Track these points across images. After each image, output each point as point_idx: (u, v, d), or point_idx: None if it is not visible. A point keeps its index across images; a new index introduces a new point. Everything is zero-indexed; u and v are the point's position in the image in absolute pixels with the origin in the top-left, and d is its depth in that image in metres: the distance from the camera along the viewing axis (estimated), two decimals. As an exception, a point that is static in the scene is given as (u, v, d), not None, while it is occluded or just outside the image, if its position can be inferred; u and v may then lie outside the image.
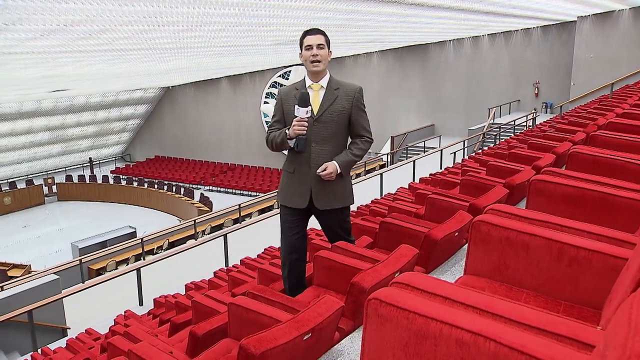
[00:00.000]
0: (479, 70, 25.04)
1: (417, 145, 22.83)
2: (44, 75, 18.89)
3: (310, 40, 3.39)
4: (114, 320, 7.98)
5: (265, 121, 31.51)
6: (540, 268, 2.17)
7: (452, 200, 4.66)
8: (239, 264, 8.93)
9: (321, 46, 3.39)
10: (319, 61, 3.38)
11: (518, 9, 17.12)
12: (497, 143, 15.03)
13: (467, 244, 2.44)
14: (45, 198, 29.68)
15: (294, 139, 3.36)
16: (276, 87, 30.83)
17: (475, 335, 1.36)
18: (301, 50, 3.45)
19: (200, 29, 13.67)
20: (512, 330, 1.38)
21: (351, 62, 28.53)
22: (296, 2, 12.01)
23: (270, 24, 13.79)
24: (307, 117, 3.33)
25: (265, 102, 31.91)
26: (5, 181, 30.53)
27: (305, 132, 3.34)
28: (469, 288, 1.77)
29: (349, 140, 3.61)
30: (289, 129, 3.39)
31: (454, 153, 15.21)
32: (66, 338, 8.33)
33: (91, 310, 9.84)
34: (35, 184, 29.82)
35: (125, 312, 8.44)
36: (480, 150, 15.26)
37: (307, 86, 3.47)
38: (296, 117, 3.32)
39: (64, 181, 30.81)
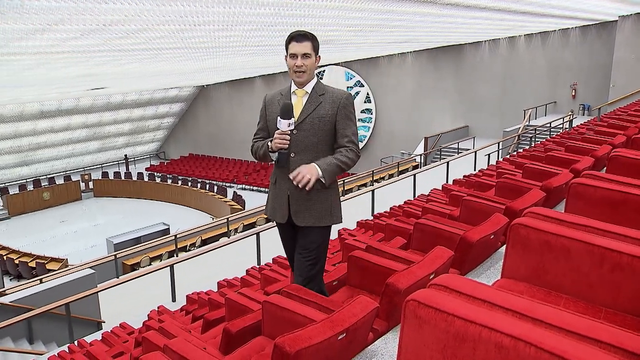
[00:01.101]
0: (515, 71, 24.63)
1: (450, 146, 22.64)
2: (83, 73, 19.31)
3: (296, 48, 3.10)
4: (148, 315, 8.10)
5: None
6: (580, 273, 2.12)
7: (488, 203, 4.59)
8: (271, 262, 8.98)
9: (307, 55, 3.11)
10: (303, 71, 3.12)
11: (557, 9, 16.78)
12: (533, 145, 14.77)
13: (503, 247, 2.40)
14: (82, 194, 30.36)
15: (276, 152, 3.15)
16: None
17: (515, 339, 1.34)
18: (286, 53, 3.16)
19: (235, 29, 13.77)
20: (553, 335, 1.36)
21: (385, 62, 28.42)
22: (331, 2, 12.01)
23: (305, 24, 13.79)
24: (290, 130, 3.09)
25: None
26: (45, 177, 31.39)
27: (287, 146, 3.11)
28: (507, 291, 1.75)
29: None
30: (271, 140, 3.16)
31: (488, 155, 15.00)
32: (101, 331, 8.50)
33: (125, 304, 10.01)
34: (73, 180, 30.50)
35: (158, 307, 8.56)
36: (515, 153, 15.04)
37: (291, 91, 3.24)
38: (278, 129, 3.10)
39: (100, 178, 31.47)
